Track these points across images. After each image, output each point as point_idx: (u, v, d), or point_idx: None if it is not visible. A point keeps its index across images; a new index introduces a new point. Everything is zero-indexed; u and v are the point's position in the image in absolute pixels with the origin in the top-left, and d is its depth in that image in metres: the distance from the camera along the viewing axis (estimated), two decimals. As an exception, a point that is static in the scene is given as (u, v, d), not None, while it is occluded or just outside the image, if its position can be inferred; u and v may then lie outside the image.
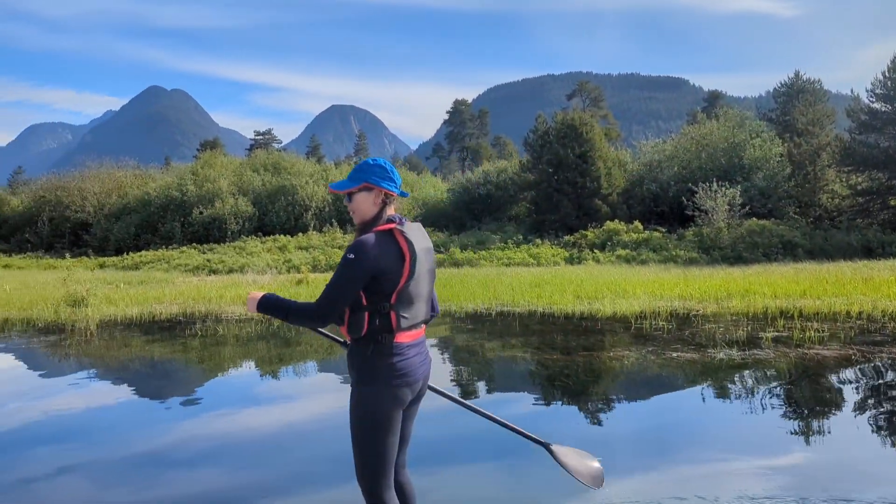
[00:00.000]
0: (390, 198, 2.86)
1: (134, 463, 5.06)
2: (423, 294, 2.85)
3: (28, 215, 41.93)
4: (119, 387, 8.05)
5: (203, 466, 5.02)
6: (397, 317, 2.73)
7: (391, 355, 2.74)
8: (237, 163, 44.56)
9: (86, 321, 12.86)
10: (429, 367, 2.99)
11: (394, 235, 2.74)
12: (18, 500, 4.42)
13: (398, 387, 2.75)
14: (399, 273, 2.69)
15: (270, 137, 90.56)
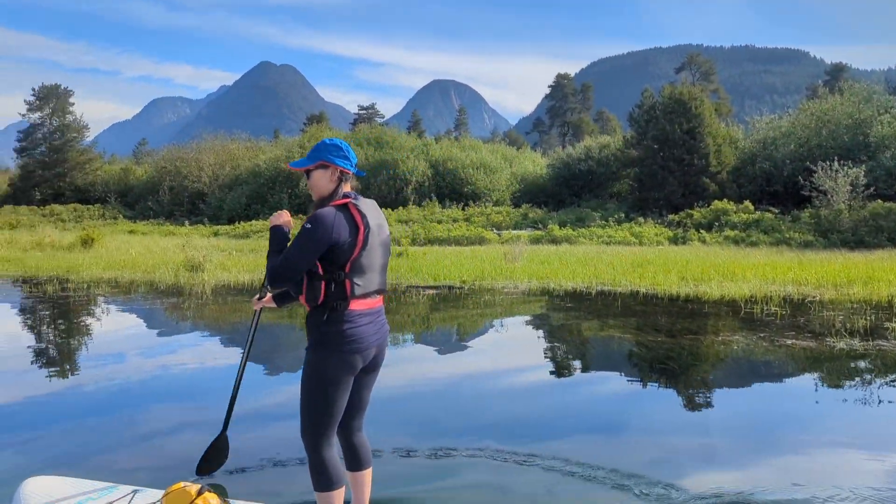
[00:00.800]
0: (346, 175, 3.03)
1: (240, 420, 5.33)
2: (375, 265, 3.00)
3: (151, 184, 44.67)
4: (229, 348, 8.49)
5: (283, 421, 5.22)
6: (351, 285, 2.89)
7: (343, 322, 2.90)
8: (341, 136, 45.65)
9: (202, 285, 13.62)
10: (384, 338, 3.11)
11: (349, 209, 2.91)
12: (139, 451, 4.76)
13: (348, 353, 2.91)
14: (353, 244, 2.87)
15: (373, 112, 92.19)
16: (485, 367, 7.37)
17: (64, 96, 53.71)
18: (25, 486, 3.37)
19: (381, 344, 3.10)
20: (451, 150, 40.85)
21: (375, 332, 3.03)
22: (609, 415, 5.62)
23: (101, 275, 15.42)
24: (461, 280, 13.82)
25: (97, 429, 5.19)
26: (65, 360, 7.75)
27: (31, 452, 4.63)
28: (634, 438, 5.00)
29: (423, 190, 36.43)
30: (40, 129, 53.53)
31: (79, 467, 4.25)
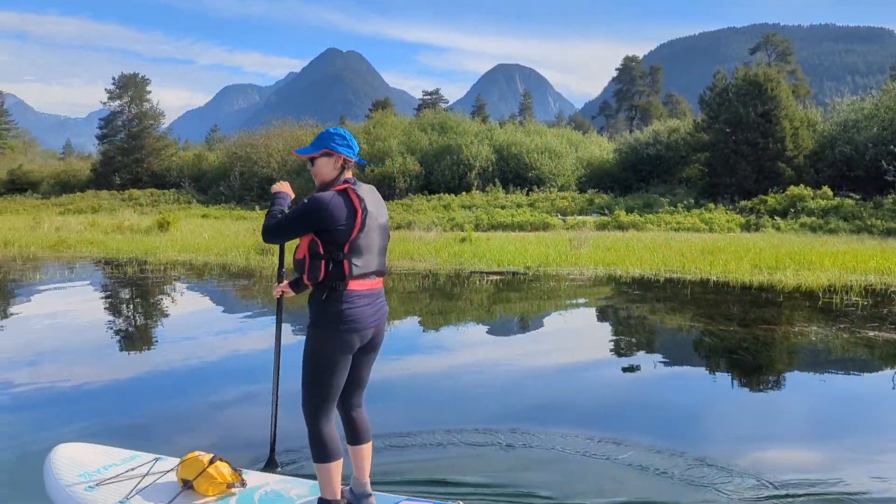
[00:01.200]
0: (348, 163, 3.18)
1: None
2: (374, 247, 3.14)
3: (222, 170, 45.98)
4: (297, 330, 8.69)
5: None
6: (350, 265, 3.03)
7: (342, 302, 3.03)
8: (406, 122, 45.90)
9: (272, 268, 13.97)
10: (382, 319, 3.24)
11: (348, 193, 3.06)
12: (209, 423, 4.94)
13: (345, 332, 3.04)
14: (352, 225, 3.01)
15: (438, 97, 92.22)
16: (550, 355, 7.32)
17: (141, 85, 55.70)
18: (55, 451, 3.61)
19: (378, 325, 3.22)
20: (516, 134, 40.55)
21: (373, 313, 3.16)
22: (681, 405, 5.51)
23: (176, 257, 16.00)
24: (525, 266, 13.75)
25: (157, 402, 5.40)
26: (140, 338, 8.09)
27: (86, 421, 4.85)
28: (708, 429, 4.89)
29: (487, 175, 36.32)
30: (120, 117, 55.70)
31: (133, 437, 4.45)
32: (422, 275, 13.04)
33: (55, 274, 13.90)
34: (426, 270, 13.60)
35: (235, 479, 3.46)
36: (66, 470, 3.46)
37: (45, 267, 15.05)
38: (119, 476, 3.47)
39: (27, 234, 21.56)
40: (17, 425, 4.83)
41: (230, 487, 3.39)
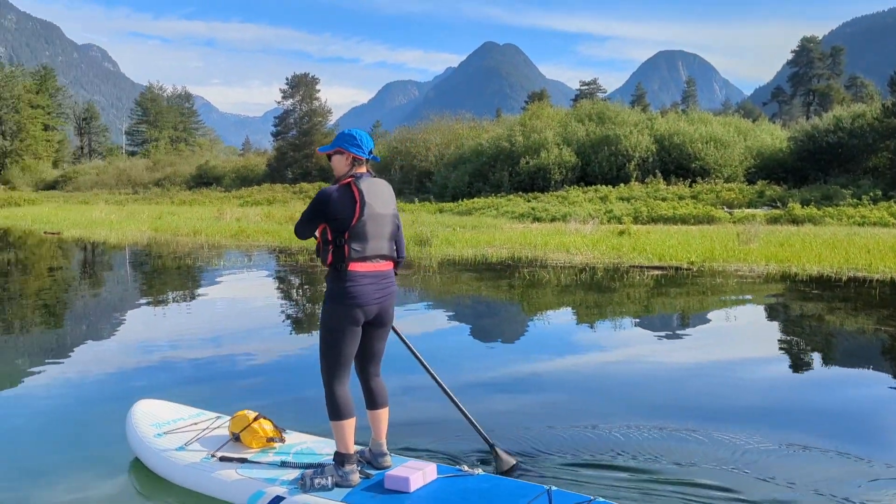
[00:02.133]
0: (358, 160, 3.59)
1: (455, 386, 5.54)
2: (377, 234, 3.54)
3: (383, 164, 47.86)
4: (453, 319, 8.87)
5: (513, 396, 5.29)
6: (350, 249, 3.46)
7: (346, 280, 3.48)
8: (562, 113, 45.29)
9: (430, 259, 14.37)
10: (387, 298, 3.65)
11: (350, 187, 3.49)
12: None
13: (349, 306, 3.49)
14: (351, 215, 3.44)
15: (595, 87, 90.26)
16: (714, 352, 6.95)
17: (311, 84, 59.26)
18: (137, 405, 4.32)
19: (383, 303, 3.63)
20: (678, 123, 38.71)
21: (376, 291, 3.58)
22: (863, 412, 5.03)
23: (341, 247, 16.90)
24: (689, 261, 13.13)
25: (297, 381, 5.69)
26: (309, 322, 8.63)
27: (264, 399, 5.21)
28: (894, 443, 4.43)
29: (647, 166, 34.98)
30: (292, 115, 59.62)
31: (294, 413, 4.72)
32: (578, 268, 12.85)
33: (235, 261, 15.17)
34: (583, 264, 13.38)
35: (276, 434, 3.96)
36: (142, 420, 4.14)
37: (227, 254, 16.46)
38: (183, 427, 4.11)
39: (212, 224, 23.69)
40: (203, 394, 5.31)
41: (270, 441, 3.90)
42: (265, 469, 3.63)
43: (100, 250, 18.61)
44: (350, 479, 3.49)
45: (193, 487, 3.63)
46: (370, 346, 3.77)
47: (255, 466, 3.66)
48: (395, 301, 3.78)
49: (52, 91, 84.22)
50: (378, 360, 3.85)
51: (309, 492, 3.37)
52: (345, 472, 3.49)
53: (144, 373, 6.15)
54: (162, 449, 3.84)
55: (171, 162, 65.58)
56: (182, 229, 22.35)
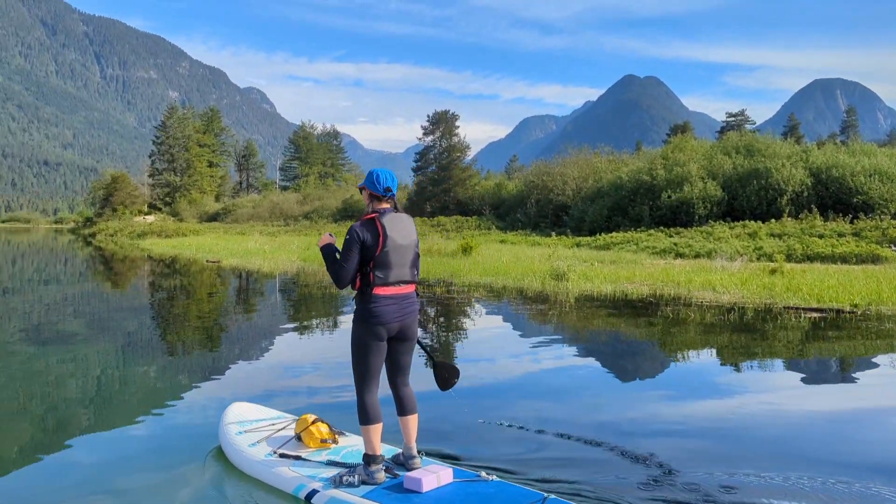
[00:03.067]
0: (376, 196, 4.10)
1: (594, 424, 5.34)
2: (398, 262, 4.02)
3: (520, 197, 48.06)
4: (590, 356, 8.64)
5: (655, 439, 5.02)
6: (374, 276, 3.95)
7: (370, 302, 3.98)
8: (707, 146, 43.48)
9: (566, 294, 14.16)
10: (408, 317, 4.11)
11: (374, 221, 3.99)
12: (501, 439, 5.08)
13: (373, 325, 3.97)
14: (375, 246, 3.94)
15: (743, 118, 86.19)
16: (882, 403, 6.29)
17: (451, 120, 60.78)
18: (230, 407, 5.13)
19: (404, 321, 4.10)
20: (837, 155, 35.97)
21: (398, 311, 4.05)
22: None
23: (477, 280, 17.03)
24: (852, 304, 12.05)
25: (456, 413, 5.68)
26: (443, 353, 8.70)
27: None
28: None
29: (801, 201, 32.70)
30: (432, 150, 61.34)
31: (438, 440, 4.72)
32: (725, 308, 12.16)
33: (376, 291, 15.66)
34: (730, 303, 12.66)
35: (330, 436, 4.56)
36: (231, 419, 4.90)
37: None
38: (261, 427, 4.81)
39: (355, 255, 24.69)
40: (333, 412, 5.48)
41: (324, 442, 4.50)
42: (312, 467, 4.20)
43: (253, 278, 19.89)
44: (375, 477, 3.95)
45: (256, 476, 4.30)
46: (397, 359, 4.22)
47: (305, 464, 4.25)
48: (416, 319, 4.23)
49: (217, 131, 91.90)
50: (406, 372, 4.29)
51: (338, 488, 3.90)
52: (371, 472, 3.96)
53: (288, 391, 6.45)
54: (238, 444, 4.56)
55: (320, 196, 69.32)
56: (327, 259, 23.48)
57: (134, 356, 8.58)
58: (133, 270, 24.68)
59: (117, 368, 7.80)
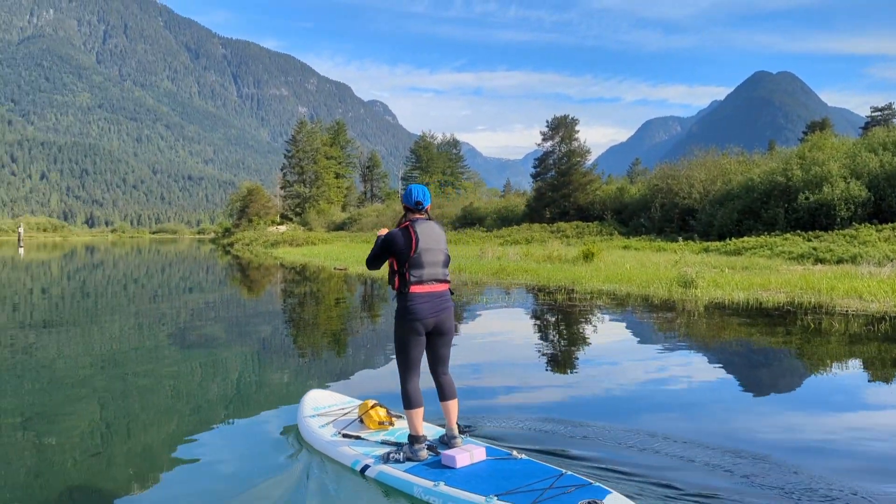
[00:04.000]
0: (409, 209, 4.78)
1: (727, 437, 5.07)
2: (429, 263, 4.61)
3: (643, 202, 46.67)
4: (721, 367, 8.23)
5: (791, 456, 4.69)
6: (409, 275, 4.54)
7: (407, 300, 4.55)
8: (849, 143, 40.40)
9: (694, 302, 13.59)
10: (442, 313, 4.65)
11: (408, 229, 4.61)
12: (627, 446, 4.93)
13: (410, 320, 4.54)
14: (408, 251, 4.55)
15: (890, 112, 79.38)
16: None
17: (571, 125, 59.99)
18: (308, 393, 5.93)
19: (439, 317, 4.63)
20: None
21: (432, 308, 4.59)
22: None
23: (600, 287, 16.69)
24: None
25: (580, 414, 5.57)
26: (563, 359, 8.59)
27: (525, 431, 5.23)
28: None
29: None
30: (551, 156, 60.80)
31: (543, 442, 4.64)
32: (875, 317, 11.24)
33: (496, 297, 15.72)
34: (880, 312, 11.68)
35: (387, 419, 5.24)
36: (307, 404, 5.69)
37: (488, 290, 17.13)
38: (332, 412, 5.56)
39: (475, 262, 24.89)
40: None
41: (381, 424, 5.20)
42: (368, 445, 4.86)
43: (378, 285, 20.50)
44: (418, 455, 4.52)
45: (323, 452, 4.97)
46: (435, 351, 4.76)
47: (363, 443, 4.92)
48: (451, 314, 4.75)
49: (343, 143, 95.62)
50: (445, 362, 4.80)
51: (386, 463, 4.51)
52: (414, 450, 4.54)
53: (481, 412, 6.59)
54: (310, 425, 5.31)
55: (440, 204, 70.45)
56: (448, 267, 23.80)
57: (268, 359, 9.07)
58: (267, 278, 26.11)
59: (253, 372, 8.27)
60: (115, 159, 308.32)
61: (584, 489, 3.85)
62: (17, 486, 4.58)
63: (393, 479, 4.34)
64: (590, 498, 3.72)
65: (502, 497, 3.82)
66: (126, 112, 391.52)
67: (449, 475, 4.19)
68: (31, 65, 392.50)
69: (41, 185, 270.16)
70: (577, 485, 3.91)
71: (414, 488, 4.18)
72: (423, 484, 4.15)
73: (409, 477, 4.26)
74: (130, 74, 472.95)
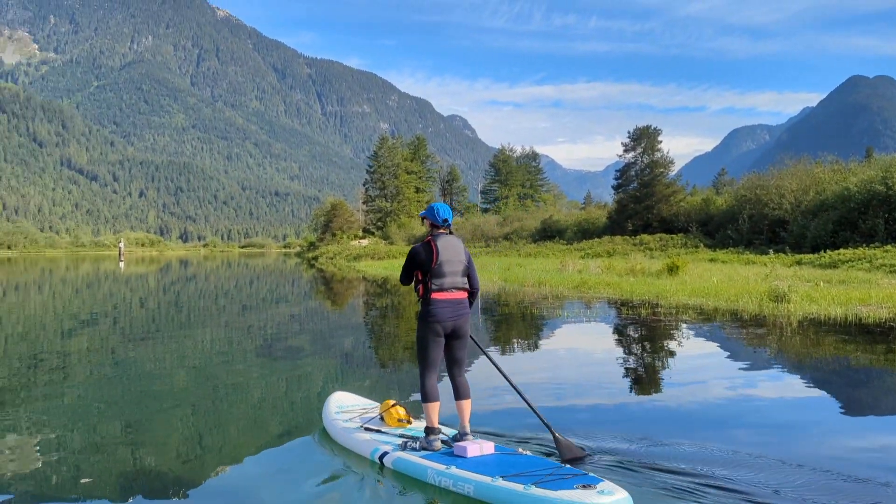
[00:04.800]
0: (434, 225, 5.27)
1: (826, 459, 4.81)
2: (450, 272, 5.10)
3: (730, 213, 45.07)
4: (816, 386, 7.85)
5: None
6: (431, 284, 5.05)
7: (429, 305, 5.06)
8: (959, 148, 37.87)
9: (787, 317, 13.01)
10: (460, 318, 5.13)
11: (430, 243, 5.13)
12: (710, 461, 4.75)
13: (431, 323, 5.05)
14: (430, 262, 5.06)
15: None
16: None
17: (653, 135, 58.71)
18: (333, 394, 6.40)
19: (457, 321, 5.13)
20: None
21: (451, 313, 5.10)
22: None
23: (685, 301, 16.20)
24: None
25: (662, 427, 5.40)
26: (648, 375, 8.37)
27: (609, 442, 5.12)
28: None
29: None
30: (633, 167, 59.65)
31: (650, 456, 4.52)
32: None
33: (577, 311, 15.51)
34: None
35: (405, 418, 5.69)
36: (332, 404, 6.16)
37: (568, 304, 16.93)
38: (355, 410, 6.09)
39: (555, 276, 24.64)
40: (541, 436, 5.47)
41: (399, 422, 5.65)
42: (387, 437, 5.36)
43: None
44: (433, 445, 5.01)
45: (345, 445, 5.50)
46: (453, 353, 5.27)
47: (382, 435, 5.41)
48: (468, 320, 5.23)
49: (423, 158, 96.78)
50: (461, 364, 5.30)
51: (404, 451, 5.00)
52: (429, 441, 5.02)
53: (495, 416, 6.58)
54: (335, 421, 5.80)
55: (519, 217, 70.22)
56: (528, 280, 23.66)
57: (351, 372, 9.26)
58: (350, 291, 26.67)
59: (336, 381, 8.46)
60: (207, 177, 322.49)
61: (579, 477, 4.27)
62: (116, 490, 4.85)
63: (408, 465, 4.84)
64: (585, 482, 4.16)
65: (507, 478, 4.30)
66: (217, 131, 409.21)
67: (460, 462, 4.67)
68: (131, 89, 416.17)
69: (140, 202, 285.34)
70: (575, 474, 4.33)
71: (427, 471, 4.67)
72: (436, 467, 4.65)
73: (423, 461, 4.77)
74: (221, 95, 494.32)
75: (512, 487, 4.19)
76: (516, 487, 4.18)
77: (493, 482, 4.27)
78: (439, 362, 5.18)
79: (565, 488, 4.10)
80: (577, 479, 4.22)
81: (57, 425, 6.43)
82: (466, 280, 5.22)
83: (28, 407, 7.14)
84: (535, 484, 4.17)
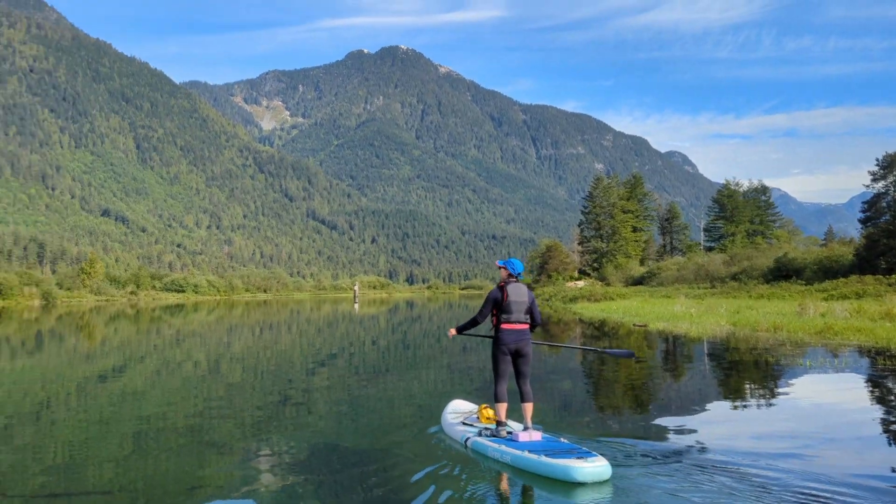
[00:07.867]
0: (509, 274, 7.22)
1: None
2: (515, 310, 7.04)
3: None
4: None
5: None
6: (501, 317, 7.07)
7: (499, 332, 7.08)
8: None
9: None
10: (521, 343, 7.07)
11: (502, 288, 7.11)
12: None
13: (500, 345, 7.05)
14: (501, 301, 7.06)
15: None
16: None
17: (909, 161, 51.87)
18: (451, 402, 8.53)
19: (519, 344, 7.03)
20: None
21: (515, 338, 7.01)
22: None
23: (958, 350, 13.87)
24: None
25: None
26: None
27: None
28: None
29: None
30: (884, 198, 53.05)
31: None
32: None
33: (821, 360, 13.94)
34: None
35: (494, 417, 7.40)
36: (450, 409, 8.26)
37: (811, 352, 15.28)
38: (464, 411, 8.15)
39: (793, 320, 22.39)
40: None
41: (488, 419, 7.56)
42: (474, 428, 7.38)
43: (680, 342, 19.53)
44: (500, 433, 6.97)
45: (450, 435, 7.61)
46: (518, 368, 7.10)
47: (472, 428, 7.40)
48: (529, 343, 7.06)
49: (640, 196, 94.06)
50: (525, 376, 7.09)
51: (479, 437, 6.98)
52: (497, 430, 7.03)
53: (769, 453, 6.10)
54: (447, 420, 7.93)
55: (748, 255, 65.18)
56: (761, 324, 21.75)
57: (567, 417, 9.12)
58: (566, 333, 26.46)
59: (554, 428, 8.38)
60: (430, 223, 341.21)
61: (580, 452, 6.12)
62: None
63: (479, 445, 6.92)
64: (580, 455, 5.97)
65: (532, 451, 6.25)
66: (439, 180, 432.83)
67: (511, 443, 6.64)
68: (364, 145, 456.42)
69: (372, 248, 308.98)
70: (580, 451, 6.16)
71: (488, 449, 6.75)
72: (494, 447, 6.68)
73: (488, 443, 6.81)
74: (443, 146, 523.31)
75: (530, 457, 6.18)
76: (532, 457, 6.16)
77: (521, 454, 6.29)
78: (508, 374, 7.09)
79: (565, 458, 5.94)
80: (578, 453, 6.09)
81: (301, 450, 7.15)
82: (529, 316, 7.13)
83: (279, 436, 8.02)
84: (546, 455, 6.10)
